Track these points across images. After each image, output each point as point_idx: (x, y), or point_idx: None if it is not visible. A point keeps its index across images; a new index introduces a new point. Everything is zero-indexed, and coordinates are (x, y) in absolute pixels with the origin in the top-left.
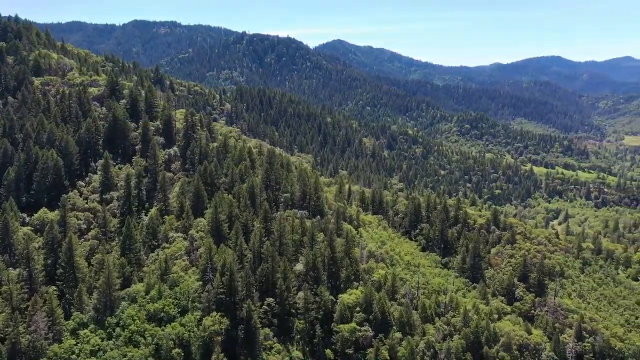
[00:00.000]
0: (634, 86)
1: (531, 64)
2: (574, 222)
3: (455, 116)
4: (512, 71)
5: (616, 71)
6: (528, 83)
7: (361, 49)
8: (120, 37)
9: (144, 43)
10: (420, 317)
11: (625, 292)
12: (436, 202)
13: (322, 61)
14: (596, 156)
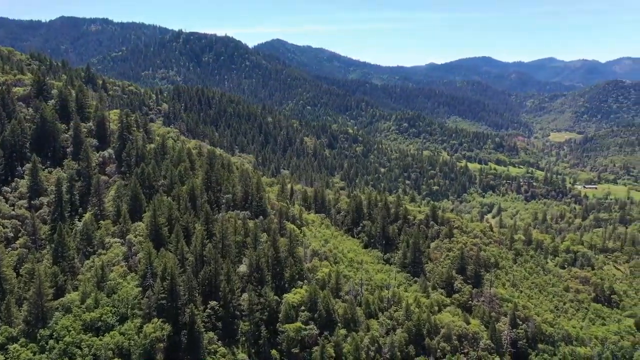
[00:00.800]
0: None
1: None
2: (507, 215)
3: (394, 115)
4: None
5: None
6: (461, 83)
7: (301, 48)
8: (47, 35)
9: (74, 41)
10: (364, 313)
11: (553, 280)
12: (377, 199)
13: (262, 60)
14: (525, 152)
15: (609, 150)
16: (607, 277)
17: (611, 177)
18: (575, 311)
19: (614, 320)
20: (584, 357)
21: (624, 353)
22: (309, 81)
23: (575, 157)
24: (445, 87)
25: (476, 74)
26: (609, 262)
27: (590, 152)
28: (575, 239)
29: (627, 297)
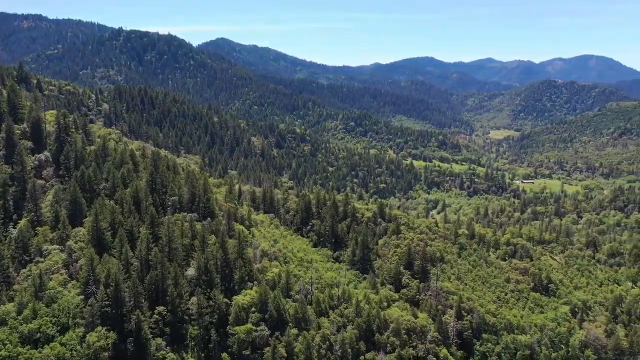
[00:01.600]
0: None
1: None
2: (451, 210)
3: (341, 114)
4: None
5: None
6: (406, 82)
7: (246, 47)
8: None
9: (4, 38)
10: (315, 312)
11: (495, 272)
12: (326, 198)
13: (207, 60)
14: (467, 149)
15: (544, 146)
16: (545, 267)
17: (546, 172)
18: (516, 301)
19: (552, 308)
20: (524, 345)
21: (560, 338)
22: (256, 81)
23: (514, 154)
24: (390, 86)
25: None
26: (545, 253)
27: (527, 149)
28: (515, 232)
29: (563, 286)
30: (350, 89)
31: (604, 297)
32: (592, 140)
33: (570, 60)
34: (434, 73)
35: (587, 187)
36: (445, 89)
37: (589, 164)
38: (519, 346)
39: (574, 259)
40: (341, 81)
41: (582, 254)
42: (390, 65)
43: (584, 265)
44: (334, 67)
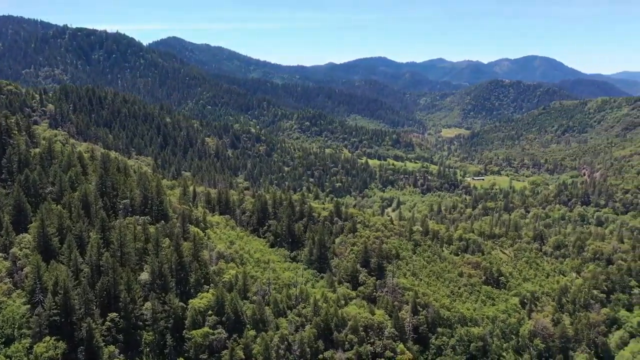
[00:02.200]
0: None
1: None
2: (405, 208)
3: (296, 114)
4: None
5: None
6: (360, 82)
7: (199, 46)
8: None
9: None
10: (273, 312)
11: (449, 267)
12: (282, 198)
13: (158, 59)
14: (420, 148)
15: (493, 144)
16: (495, 260)
17: (496, 169)
18: (468, 294)
19: (502, 300)
20: (477, 336)
21: (511, 329)
22: (209, 80)
23: (465, 152)
24: (345, 86)
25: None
26: (496, 247)
27: (477, 147)
28: (467, 228)
29: (513, 278)
30: (305, 89)
31: (550, 288)
32: (538, 138)
33: (516, 60)
34: (387, 73)
35: (533, 183)
36: (399, 89)
37: (535, 160)
38: (472, 338)
39: (522, 252)
40: (296, 81)
41: (530, 247)
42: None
43: (532, 257)
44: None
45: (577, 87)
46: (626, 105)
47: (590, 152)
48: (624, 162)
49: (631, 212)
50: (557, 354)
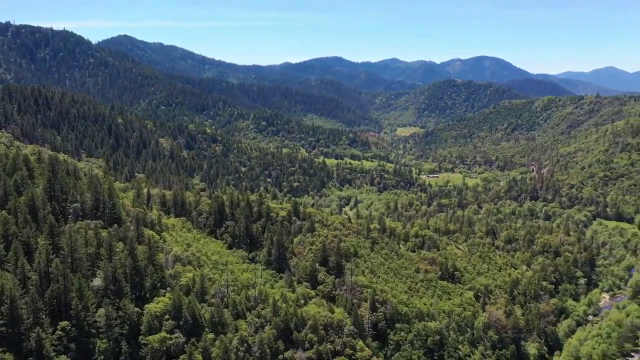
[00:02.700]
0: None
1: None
2: (363, 206)
3: (252, 114)
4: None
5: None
6: (316, 82)
7: (151, 45)
8: None
9: None
10: (232, 314)
11: (406, 263)
12: (239, 198)
13: (108, 57)
14: (376, 146)
15: (446, 142)
16: (450, 256)
17: (449, 167)
18: (425, 290)
19: (458, 294)
20: (434, 331)
21: (466, 322)
22: (162, 80)
23: (419, 150)
24: (301, 85)
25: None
26: (451, 243)
27: (432, 145)
28: (423, 224)
29: (467, 273)
30: (261, 88)
31: (503, 281)
32: (489, 136)
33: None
34: (343, 72)
35: (485, 180)
36: (354, 88)
37: (487, 157)
38: (430, 332)
39: (476, 247)
40: (251, 80)
41: (483, 241)
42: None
43: (485, 252)
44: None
45: (524, 86)
46: (570, 104)
47: (538, 149)
48: (569, 158)
49: (576, 206)
50: (509, 345)
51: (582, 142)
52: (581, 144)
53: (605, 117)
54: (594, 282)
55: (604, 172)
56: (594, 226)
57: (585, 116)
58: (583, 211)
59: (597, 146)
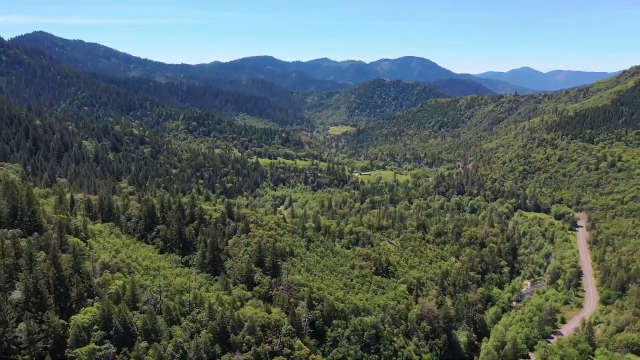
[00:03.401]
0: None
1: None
2: (297, 205)
3: (182, 114)
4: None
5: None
6: (247, 81)
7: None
8: None
9: None
10: (166, 321)
11: (341, 260)
12: (170, 201)
13: (23, 55)
14: (309, 145)
15: (377, 140)
16: (384, 251)
17: (381, 164)
18: (360, 285)
19: (392, 288)
20: (370, 325)
21: (400, 315)
22: (84, 79)
23: (352, 148)
24: (232, 85)
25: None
26: (384, 238)
27: (363, 143)
28: (357, 221)
29: (400, 267)
30: (190, 88)
31: (434, 273)
32: (417, 133)
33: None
34: (274, 72)
35: (415, 176)
36: (286, 88)
37: (416, 154)
38: (366, 327)
39: (407, 241)
40: (180, 80)
41: (414, 236)
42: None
43: (416, 246)
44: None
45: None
46: (491, 103)
47: (463, 146)
48: (491, 153)
49: (499, 198)
50: (441, 334)
51: (503, 139)
52: (502, 140)
53: (522, 114)
54: (517, 270)
55: (523, 167)
56: (515, 217)
57: (505, 114)
58: (505, 203)
59: (516, 142)
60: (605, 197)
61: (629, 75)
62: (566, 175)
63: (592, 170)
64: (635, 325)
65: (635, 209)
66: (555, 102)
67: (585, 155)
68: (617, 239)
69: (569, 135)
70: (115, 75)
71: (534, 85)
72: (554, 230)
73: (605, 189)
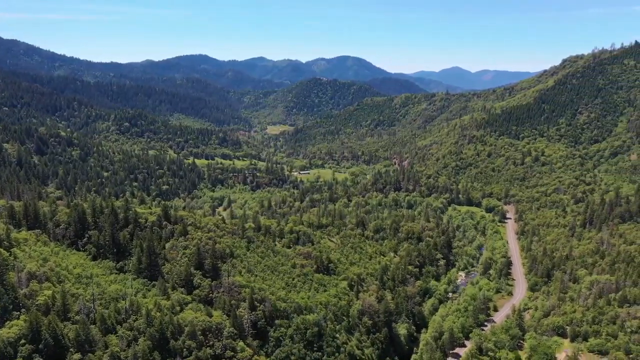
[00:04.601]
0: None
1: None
2: (237, 205)
3: (113, 114)
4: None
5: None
6: (181, 80)
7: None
8: None
9: None
10: (101, 330)
11: (282, 260)
12: (102, 206)
13: None
14: (247, 145)
15: (315, 139)
16: (324, 249)
17: (319, 163)
18: (302, 284)
19: (333, 285)
20: (312, 323)
21: (342, 311)
22: (4, 78)
23: (290, 147)
24: (165, 84)
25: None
26: (324, 236)
27: (302, 142)
28: (297, 220)
29: (340, 264)
30: (121, 87)
31: (373, 269)
32: (354, 132)
33: (331, 60)
34: (210, 71)
35: (353, 174)
36: (222, 87)
37: (354, 152)
38: (308, 325)
39: (347, 238)
40: (110, 79)
41: (354, 233)
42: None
43: (356, 242)
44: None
45: (384, 84)
46: (424, 101)
47: (398, 143)
48: (425, 150)
49: (434, 194)
50: (382, 328)
51: (436, 136)
52: (435, 138)
53: (454, 112)
54: (452, 263)
55: (455, 162)
56: (449, 212)
57: (437, 112)
58: (440, 199)
59: (449, 139)
60: (531, 190)
61: (549, 75)
62: (495, 170)
63: (519, 164)
64: (560, 310)
65: (557, 201)
66: (484, 101)
67: (512, 151)
68: (542, 229)
69: (496, 132)
70: (39, 74)
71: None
72: (485, 222)
73: (530, 182)
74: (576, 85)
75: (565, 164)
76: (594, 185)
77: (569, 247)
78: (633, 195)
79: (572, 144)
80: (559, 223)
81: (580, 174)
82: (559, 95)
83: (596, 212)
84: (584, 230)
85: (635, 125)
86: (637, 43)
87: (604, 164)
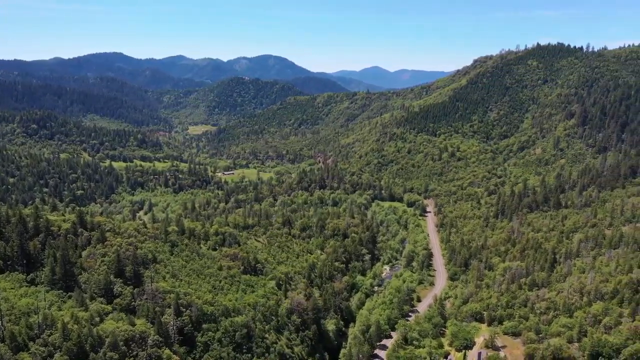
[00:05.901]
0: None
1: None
2: (158, 209)
3: (18, 116)
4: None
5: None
6: (94, 79)
7: None
8: None
9: None
10: (10, 348)
11: (208, 262)
12: (9, 214)
13: None
14: (168, 146)
15: (239, 139)
16: (251, 249)
17: (244, 163)
18: (229, 286)
19: (261, 286)
20: (241, 325)
21: (271, 311)
22: None
23: (213, 147)
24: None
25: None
26: (251, 237)
27: (225, 142)
28: (222, 222)
29: (268, 264)
30: (27, 87)
31: (301, 267)
32: (278, 131)
33: (253, 59)
34: (125, 70)
35: (278, 173)
36: (139, 86)
37: (278, 152)
38: (237, 327)
39: (274, 237)
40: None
41: (281, 232)
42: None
43: (283, 241)
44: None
45: (307, 84)
46: (346, 100)
47: (322, 142)
48: (349, 148)
49: (358, 191)
50: (311, 325)
51: (359, 134)
52: (358, 136)
53: (375, 110)
54: (377, 257)
55: (377, 159)
56: (373, 207)
57: (359, 110)
58: (364, 195)
59: (371, 137)
60: (448, 184)
61: (462, 75)
62: (415, 166)
63: (436, 160)
64: (477, 297)
65: (472, 194)
66: (403, 99)
67: (430, 147)
68: (460, 221)
69: (415, 130)
70: None
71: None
72: (407, 217)
73: (447, 177)
74: (486, 85)
75: (478, 158)
76: (505, 178)
77: (484, 237)
78: (538, 187)
79: (484, 139)
80: (475, 215)
81: (492, 168)
82: (471, 94)
83: (507, 203)
84: (496, 220)
85: (538, 122)
86: (539, 45)
87: (512, 158)
